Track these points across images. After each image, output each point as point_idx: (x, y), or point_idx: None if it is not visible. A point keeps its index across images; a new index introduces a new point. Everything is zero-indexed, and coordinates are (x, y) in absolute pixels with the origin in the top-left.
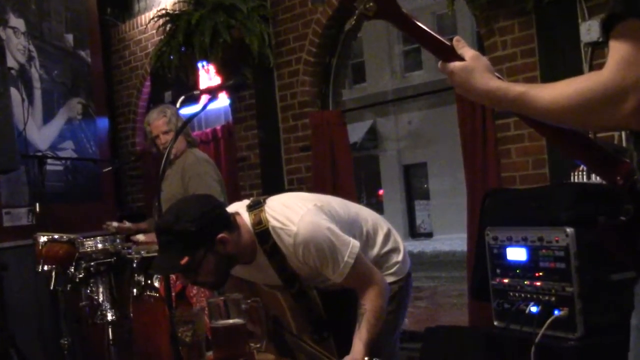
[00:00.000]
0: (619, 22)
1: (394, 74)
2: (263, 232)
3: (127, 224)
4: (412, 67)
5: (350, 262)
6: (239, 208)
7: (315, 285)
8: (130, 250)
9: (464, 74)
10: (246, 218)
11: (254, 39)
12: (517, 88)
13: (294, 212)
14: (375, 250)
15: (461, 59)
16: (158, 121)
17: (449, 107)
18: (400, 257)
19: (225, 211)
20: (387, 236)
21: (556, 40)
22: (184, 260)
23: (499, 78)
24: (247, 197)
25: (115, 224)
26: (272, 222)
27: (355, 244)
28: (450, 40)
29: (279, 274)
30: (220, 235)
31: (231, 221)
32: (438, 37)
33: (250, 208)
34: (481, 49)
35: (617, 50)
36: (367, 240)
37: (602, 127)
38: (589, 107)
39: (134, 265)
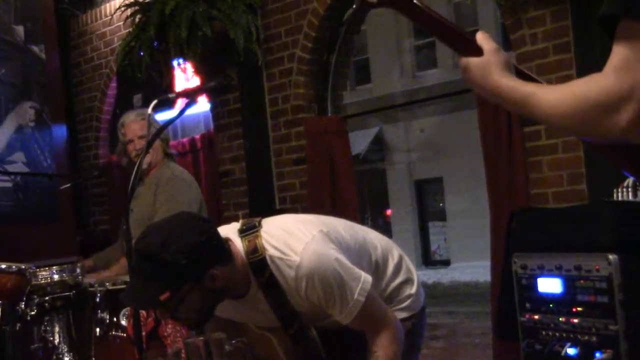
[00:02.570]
0: (616, 23)
1: (403, 74)
2: (259, 262)
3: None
4: (425, 65)
5: (361, 300)
6: (230, 233)
7: (315, 323)
8: (92, 282)
9: (479, 71)
10: (239, 244)
11: (239, 32)
12: (525, 89)
13: (297, 239)
14: (384, 282)
15: (480, 52)
16: (136, 124)
17: (468, 112)
18: (413, 290)
19: (222, 241)
20: (399, 265)
21: (595, 34)
22: (165, 296)
23: (523, 74)
24: (231, 219)
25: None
26: (270, 251)
27: (367, 279)
28: (471, 32)
29: (276, 311)
30: (211, 271)
31: (226, 252)
32: (454, 26)
33: (242, 233)
34: (507, 43)
35: (614, 54)
36: (375, 271)
37: (603, 138)
38: (585, 117)
39: (97, 299)
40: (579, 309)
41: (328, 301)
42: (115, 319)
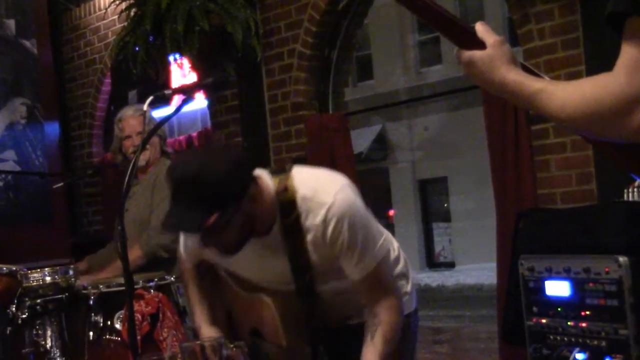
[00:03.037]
0: (625, 20)
1: (407, 70)
2: (288, 202)
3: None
4: (429, 61)
5: (379, 257)
6: (257, 171)
7: (323, 284)
8: (85, 285)
9: (484, 65)
10: (269, 182)
11: (237, 26)
12: (535, 85)
13: (329, 183)
14: None
15: (483, 46)
16: (134, 119)
17: (473, 109)
18: (409, 287)
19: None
20: (397, 259)
21: (606, 29)
22: (213, 219)
23: (530, 70)
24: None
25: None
26: (301, 192)
27: (386, 238)
28: (472, 26)
29: (291, 257)
30: (251, 191)
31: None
32: (456, 19)
33: (274, 173)
34: (514, 38)
35: (624, 53)
36: None
37: (613, 139)
38: (595, 117)
39: (91, 302)
40: (587, 312)
41: (349, 248)
42: (109, 323)
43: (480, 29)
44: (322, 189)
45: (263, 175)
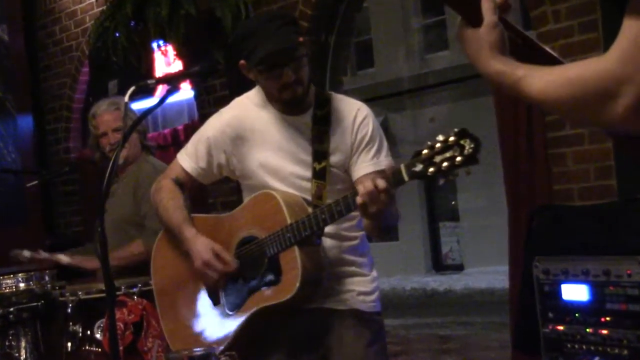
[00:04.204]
0: None
1: (410, 56)
2: (324, 98)
3: (44, 254)
4: (434, 47)
5: (390, 163)
6: None
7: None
8: (63, 291)
9: (472, 44)
10: None
11: (226, 10)
12: (517, 73)
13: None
14: None
15: (480, 22)
16: (109, 114)
17: (483, 98)
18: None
19: None
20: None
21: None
22: (302, 39)
23: (527, 41)
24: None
25: (26, 253)
26: (335, 94)
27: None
28: None
29: (315, 142)
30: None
31: None
32: None
33: None
34: (527, 21)
35: (624, 32)
36: None
37: (599, 125)
38: (580, 100)
39: (69, 310)
40: (608, 318)
41: (371, 139)
42: (88, 332)
43: (485, 5)
44: (352, 99)
45: None
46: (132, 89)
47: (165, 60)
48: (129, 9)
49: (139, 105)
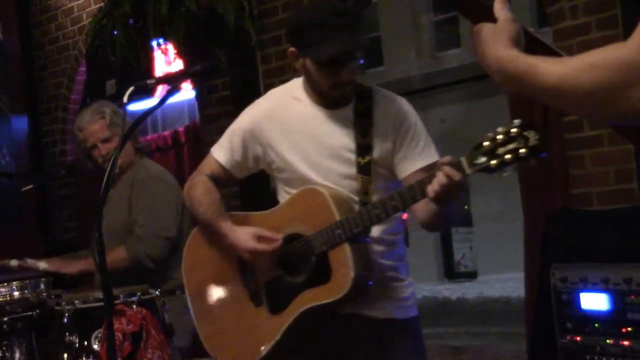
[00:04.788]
0: None
1: (421, 54)
2: (364, 91)
3: (30, 261)
4: (446, 44)
5: (437, 157)
6: None
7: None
8: (59, 300)
9: (487, 36)
10: None
11: (229, 7)
12: (530, 59)
13: None
14: None
15: (495, 21)
16: (94, 125)
17: (496, 98)
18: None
19: None
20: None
21: None
22: (367, 42)
23: (543, 47)
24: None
25: (14, 262)
26: (374, 87)
27: None
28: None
29: (358, 136)
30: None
31: None
32: None
33: None
34: (543, 18)
35: None
36: None
37: (619, 117)
38: (601, 89)
39: (65, 320)
40: (629, 329)
41: (415, 136)
42: (86, 343)
43: (497, 6)
44: (392, 94)
45: None
46: (130, 89)
47: (165, 59)
48: (128, 6)
49: (138, 106)
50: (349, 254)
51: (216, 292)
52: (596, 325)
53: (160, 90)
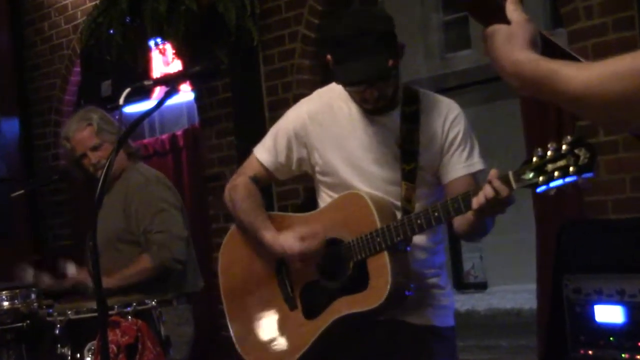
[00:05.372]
0: None
1: (429, 55)
2: (411, 94)
3: (47, 280)
4: (456, 45)
5: (481, 166)
6: None
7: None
8: (50, 311)
9: (500, 38)
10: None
11: (229, 6)
12: (551, 64)
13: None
14: None
15: (509, 24)
16: (82, 133)
17: (508, 101)
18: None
19: None
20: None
21: None
22: (392, 63)
23: (559, 51)
24: (221, 231)
25: (31, 270)
26: (422, 90)
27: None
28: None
29: (403, 142)
30: (400, 43)
31: None
32: None
33: None
34: (556, 19)
35: None
36: None
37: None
38: (626, 99)
39: (57, 331)
40: None
41: (464, 140)
42: (78, 356)
43: (509, 6)
44: (440, 96)
45: None
46: (127, 90)
47: (164, 59)
48: (124, 3)
49: (135, 109)
50: (387, 263)
51: (250, 293)
52: (611, 338)
53: (158, 92)
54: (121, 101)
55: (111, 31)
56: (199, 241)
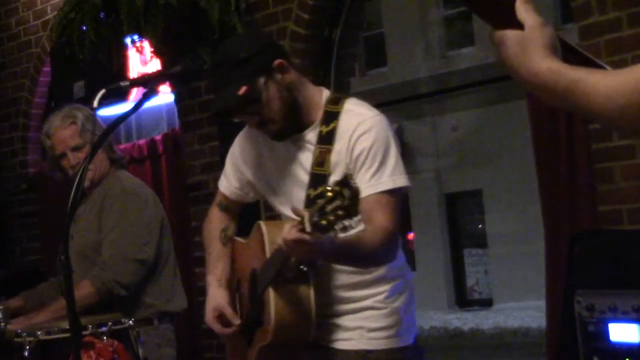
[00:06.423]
0: None
1: (430, 53)
2: (332, 113)
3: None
4: (458, 43)
5: (392, 185)
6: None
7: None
8: (19, 331)
9: (516, 47)
10: (325, 92)
11: (213, 1)
12: (573, 74)
13: (376, 110)
14: None
15: (520, 26)
16: (64, 131)
17: (515, 103)
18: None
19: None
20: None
21: None
22: (242, 90)
23: (580, 55)
24: (202, 242)
25: None
26: (349, 106)
27: (407, 182)
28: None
29: (314, 165)
30: (278, 61)
31: (291, 62)
32: None
33: (334, 91)
34: (567, 13)
35: None
36: None
37: None
38: None
39: (26, 353)
40: None
41: (367, 158)
42: None
43: (520, 7)
44: (367, 108)
45: (322, 88)
46: (101, 92)
47: (141, 58)
48: None
49: (111, 112)
50: (271, 296)
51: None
52: (627, 359)
53: (135, 93)
54: (95, 103)
55: (84, 28)
56: (179, 256)
